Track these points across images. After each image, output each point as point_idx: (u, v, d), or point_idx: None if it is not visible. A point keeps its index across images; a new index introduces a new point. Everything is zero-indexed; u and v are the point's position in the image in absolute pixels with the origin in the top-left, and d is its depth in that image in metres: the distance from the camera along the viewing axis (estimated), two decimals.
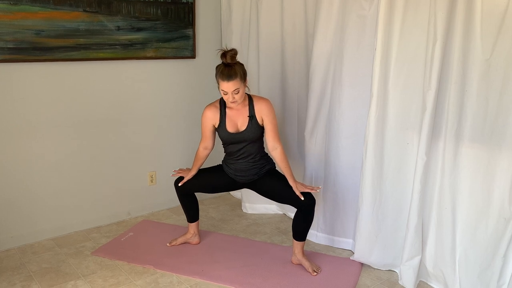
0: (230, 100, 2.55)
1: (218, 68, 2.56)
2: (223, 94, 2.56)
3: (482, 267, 2.29)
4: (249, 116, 2.65)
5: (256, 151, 2.70)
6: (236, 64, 2.54)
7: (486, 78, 2.14)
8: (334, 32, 2.76)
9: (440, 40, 2.20)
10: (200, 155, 2.79)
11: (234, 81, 2.49)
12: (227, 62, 2.53)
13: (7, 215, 2.90)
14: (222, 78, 2.51)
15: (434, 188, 2.42)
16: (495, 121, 2.14)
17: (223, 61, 2.54)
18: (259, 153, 2.72)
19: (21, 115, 2.84)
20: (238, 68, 2.52)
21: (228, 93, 2.52)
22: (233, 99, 2.55)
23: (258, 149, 2.72)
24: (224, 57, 2.54)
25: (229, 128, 2.64)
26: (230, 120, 2.66)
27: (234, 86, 2.50)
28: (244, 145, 2.65)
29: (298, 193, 2.58)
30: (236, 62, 2.55)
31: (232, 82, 2.49)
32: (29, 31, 2.74)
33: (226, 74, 2.50)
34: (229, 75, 2.50)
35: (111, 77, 3.16)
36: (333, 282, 2.59)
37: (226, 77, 2.50)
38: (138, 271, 2.68)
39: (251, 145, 2.68)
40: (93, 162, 3.18)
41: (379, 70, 2.45)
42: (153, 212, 3.56)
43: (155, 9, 3.21)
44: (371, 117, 2.52)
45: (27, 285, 2.52)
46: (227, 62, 2.53)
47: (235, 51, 2.55)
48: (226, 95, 2.55)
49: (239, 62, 2.57)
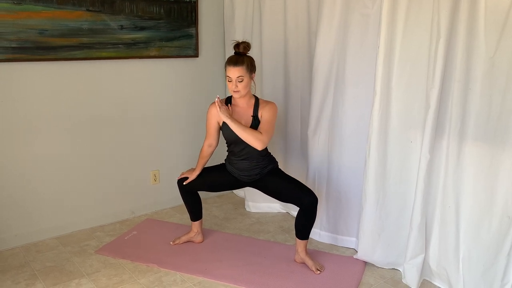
0: (233, 88, 2.57)
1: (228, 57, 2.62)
2: (228, 81, 2.59)
3: (485, 265, 2.28)
4: (252, 116, 2.65)
5: (259, 151, 2.70)
6: (246, 55, 2.60)
7: (489, 76, 2.14)
8: (337, 31, 2.75)
9: (444, 38, 2.19)
10: (205, 153, 2.80)
11: (240, 67, 2.53)
12: (239, 51, 2.59)
13: (11, 214, 2.91)
14: (229, 64, 2.56)
15: (438, 186, 2.41)
16: (499, 120, 2.14)
17: (236, 50, 2.61)
18: (262, 153, 2.72)
19: (25, 114, 2.85)
20: (246, 58, 2.59)
21: (233, 79, 2.55)
22: (236, 88, 2.56)
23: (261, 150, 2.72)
24: (237, 47, 2.60)
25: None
26: (235, 115, 2.66)
27: (239, 73, 2.53)
28: (247, 144, 2.65)
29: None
30: (246, 54, 2.61)
31: (237, 68, 2.53)
32: (33, 31, 2.74)
33: (233, 60, 2.56)
34: (236, 61, 2.55)
35: (114, 76, 3.16)
36: (337, 280, 2.59)
37: (233, 62, 2.55)
38: (141, 270, 2.69)
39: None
40: (96, 161, 3.19)
41: (382, 68, 2.45)
42: (156, 211, 3.56)
43: (158, 8, 3.22)
44: (374, 115, 2.51)
45: (32, 283, 2.53)
46: (239, 51, 2.59)
47: (248, 44, 2.62)
48: (230, 82, 2.57)
49: (249, 56, 2.63)
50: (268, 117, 2.64)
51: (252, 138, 2.55)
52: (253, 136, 2.55)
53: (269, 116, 2.64)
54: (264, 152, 2.75)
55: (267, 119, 2.63)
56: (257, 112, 2.66)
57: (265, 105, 2.67)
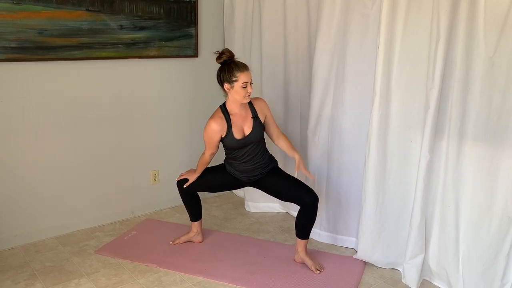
0: (250, 90, 2.54)
1: (227, 67, 2.52)
2: (241, 88, 2.51)
3: (485, 265, 2.28)
4: (252, 117, 2.64)
5: (260, 151, 2.70)
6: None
7: (489, 76, 2.14)
8: (337, 31, 2.75)
9: (443, 38, 2.19)
10: (207, 161, 2.75)
11: (249, 70, 2.54)
12: (230, 57, 2.54)
13: (11, 214, 2.91)
14: (240, 70, 2.50)
15: (438, 186, 2.42)
16: (498, 120, 2.14)
17: (225, 58, 2.53)
18: (263, 153, 2.73)
19: (24, 114, 2.85)
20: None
21: (248, 83, 2.52)
22: (251, 89, 2.55)
23: (261, 149, 2.72)
24: (223, 54, 2.53)
25: (236, 135, 2.61)
26: (236, 126, 2.62)
27: (251, 75, 2.54)
28: (249, 147, 2.64)
29: (298, 168, 2.67)
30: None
31: (249, 71, 2.53)
32: (32, 30, 2.74)
33: (241, 64, 2.53)
34: (245, 64, 2.54)
35: (114, 76, 3.16)
36: (336, 280, 2.59)
37: (244, 66, 2.52)
38: (141, 270, 2.68)
39: (255, 146, 2.68)
40: (96, 161, 3.19)
41: (382, 68, 2.45)
42: (156, 211, 3.56)
43: (157, 8, 3.22)
44: (374, 115, 2.51)
45: (31, 283, 2.53)
46: (230, 57, 2.54)
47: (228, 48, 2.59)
48: (245, 88, 2.52)
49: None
50: (270, 114, 2.75)
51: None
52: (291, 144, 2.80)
53: (270, 113, 2.75)
54: (265, 152, 2.75)
55: (271, 117, 2.76)
56: (255, 111, 2.67)
57: (257, 103, 2.69)
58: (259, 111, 2.67)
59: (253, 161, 2.69)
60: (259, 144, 2.69)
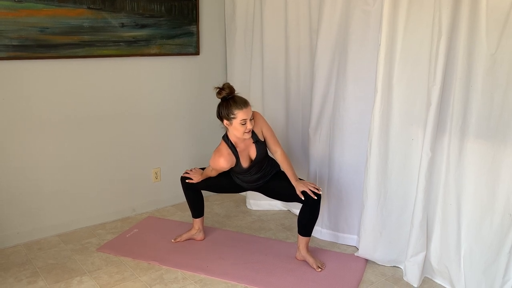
0: (249, 127, 2.48)
1: (225, 104, 2.46)
2: (240, 125, 2.46)
3: (487, 263, 2.28)
4: (254, 142, 2.64)
5: (264, 165, 2.72)
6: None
7: (491, 73, 2.13)
8: (338, 28, 2.75)
9: (445, 35, 2.18)
10: (213, 176, 2.77)
11: (249, 106, 2.46)
12: (229, 93, 2.47)
13: (13, 212, 2.92)
14: (239, 107, 2.43)
15: (439, 184, 2.41)
16: (500, 117, 2.13)
17: (224, 94, 2.46)
18: (267, 164, 2.74)
19: (26, 112, 2.85)
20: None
21: (247, 120, 2.46)
22: (251, 125, 2.49)
23: (265, 161, 2.73)
24: (222, 90, 2.46)
25: (243, 164, 2.63)
26: (243, 156, 2.63)
27: (251, 111, 2.47)
28: (255, 166, 2.67)
29: (299, 192, 2.58)
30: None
31: (249, 107, 2.46)
32: (34, 28, 2.74)
33: (241, 101, 2.45)
34: (244, 100, 2.46)
35: (115, 74, 3.16)
36: (338, 278, 2.59)
37: (243, 103, 2.44)
38: (143, 267, 2.69)
39: (260, 163, 2.70)
40: (97, 159, 3.19)
41: (383, 65, 2.44)
42: (158, 209, 3.57)
43: (159, 5, 3.21)
44: (375, 113, 2.51)
45: (33, 281, 2.54)
46: (230, 93, 2.47)
47: (228, 84, 2.50)
48: (244, 125, 2.46)
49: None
50: (268, 127, 2.67)
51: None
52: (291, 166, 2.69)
53: (268, 128, 2.66)
54: (268, 160, 2.75)
55: (268, 128, 2.66)
56: (256, 136, 2.63)
57: (253, 120, 2.56)
58: (256, 128, 2.61)
59: (258, 174, 2.72)
60: (264, 159, 2.71)
